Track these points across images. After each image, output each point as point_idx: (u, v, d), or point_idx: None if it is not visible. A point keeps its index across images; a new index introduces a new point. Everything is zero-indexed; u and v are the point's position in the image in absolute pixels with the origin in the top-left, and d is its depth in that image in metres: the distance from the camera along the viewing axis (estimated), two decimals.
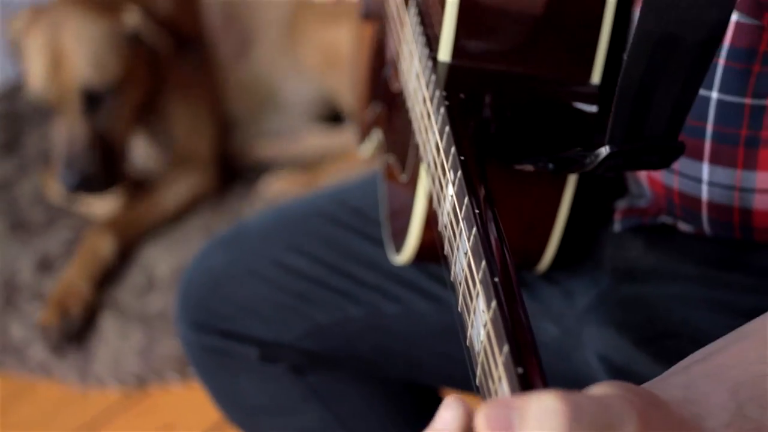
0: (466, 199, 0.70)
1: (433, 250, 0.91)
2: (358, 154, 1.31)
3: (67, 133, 2.09)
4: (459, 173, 0.73)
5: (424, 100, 0.85)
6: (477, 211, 0.69)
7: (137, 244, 2.21)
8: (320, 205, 1.19)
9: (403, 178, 0.99)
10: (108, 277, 2.12)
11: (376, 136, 1.20)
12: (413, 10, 0.94)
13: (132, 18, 2.11)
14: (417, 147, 0.90)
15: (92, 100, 2.09)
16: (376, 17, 1.16)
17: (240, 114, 2.44)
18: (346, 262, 1.13)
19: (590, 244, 1.02)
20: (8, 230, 2.26)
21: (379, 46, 1.18)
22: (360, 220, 1.15)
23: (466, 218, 0.70)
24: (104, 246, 2.12)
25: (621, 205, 0.98)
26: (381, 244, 1.10)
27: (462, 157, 0.74)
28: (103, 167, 2.09)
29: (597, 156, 0.78)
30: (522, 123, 0.85)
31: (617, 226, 0.98)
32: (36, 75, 2.10)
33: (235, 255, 1.18)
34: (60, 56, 2.08)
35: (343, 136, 2.36)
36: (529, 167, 0.85)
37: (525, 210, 0.90)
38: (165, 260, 2.14)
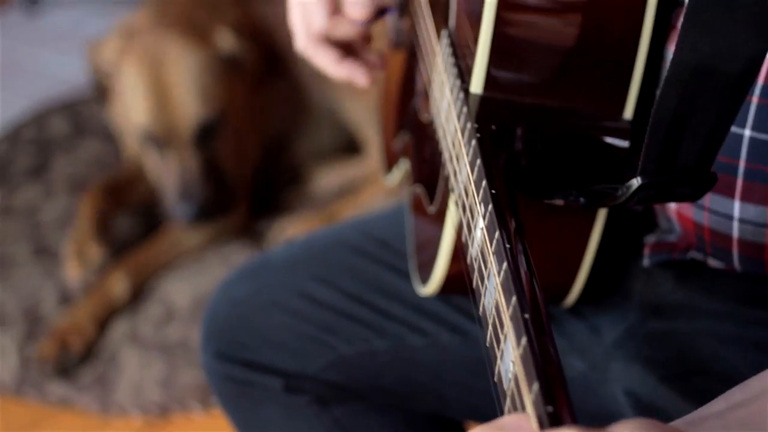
0: (497, 233, 0.70)
1: (459, 283, 0.90)
2: (381, 184, 1.30)
3: (179, 165, 2.09)
4: (490, 207, 0.73)
5: (456, 131, 0.85)
6: (508, 245, 0.69)
7: (155, 276, 2.21)
8: (345, 236, 1.19)
9: (431, 209, 0.98)
10: (127, 308, 2.12)
11: (404, 166, 1.20)
12: (445, 41, 0.94)
13: (225, 40, 2.11)
14: (446, 178, 0.89)
15: (203, 132, 2.10)
16: (406, 47, 1.16)
17: (284, 132, 2.42)
18: (371, 293, 1.12)
19: (618, 278, 1.01)
20: (32, 255, 2.27)
21: (408, 76, 1.17)
22: (385, 251, 1.15)
23: (497, 252, 0.69)
24: (118, 288, 2.11)
25: (650, 240, 0.97)
26: (406, 276, 1.10)
27: (493, 191, 0.74)
28: (216, 195, 2.09)
29: (629, 188, 0.77)
30: (553, 157, 0.85)
31: (646, 261, 0.97)
32: (141, 110, 2.08)
33: (259, 285, 1.18)
34: (167, 92, 2.07)
35: (362, 168, 2.35)
36: (559, 202, 0.84)
37: (554, 243, 0.90)
38: (184, 290, 2.14)
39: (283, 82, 2.32)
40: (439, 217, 0.93)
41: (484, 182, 0.75)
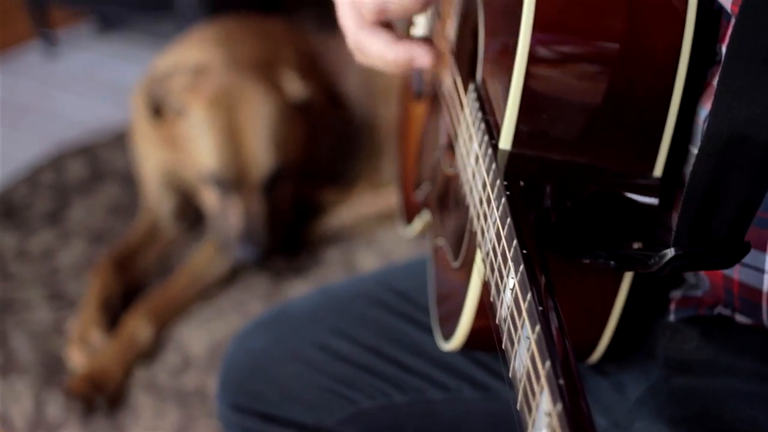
0: (528, 295, 0.69)
1: (483, 339, 0.89)
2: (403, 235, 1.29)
3: (244, 209, 2.10)
4: (521, 267, 0.71)
5: (484, 187, 0.84)
6: (540, 307, 0.68)
7: (172, 321, 2.19)
8: (365, 287, 1.18)
9: (455, 264, 0.97)
10: (143, 355, 2.11)
11: (424, 218, 1.19)
12: (472, 95, 0.93)
13: (294, 85, 2.11)
14: (473, 234, 0.88)
15: (272, 179, 2.11)
16: (429, 97, 1.15)
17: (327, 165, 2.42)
18: (391, 346, 1.11)
19: (643, 334, 0.99)
20: (46, 300, 2.26)
21: (430, 126, 1.17)
22: (406, 304, 1.13)
23: (529, 313, 0.68)
24: (143, 333, 2.10)
25: (676, 294, 0.96)
26: (428, 329, 1.09)
27: (524, 251, 0.73)
28: (276, 237, 2.12)
29: (662, 257, 0.76)
30: (582, 214, 0.83)
31: (672, 317, 0.96)
32: (211, 152, 2.08)
33: (278, 336, 1.17)
34: (241, 138, 2.07)
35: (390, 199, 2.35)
36: (588, 262, 0.83)
37: (580, 301, 0.88)
38: (199, 338, 2.12)
39: (330, 119, 2.33)
40: (464, 273, 0.92)
41: (514, 241, 0.74)
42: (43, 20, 3.68)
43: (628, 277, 0.88)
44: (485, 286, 0.87)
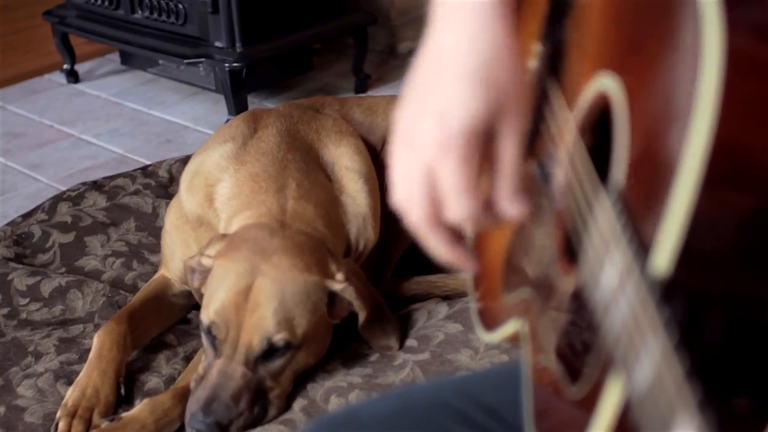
0: None
1: None
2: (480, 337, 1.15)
3: (219, 375, 1.83)
4: (703, 415, 0.60)
5: (633, 315, 0.71)
6: None
7: None
8: (446, 398, 1.03)
9: (573, 388, 0.84)
10: None
11: (513, 327, 1.05)
12: (611, 201, 0.80)
13: (336, 285, 1.89)
14: (607, 359, 0.76)
15: (264, 355, 1.85)
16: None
17: None
18: None
19: None
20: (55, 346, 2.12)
21: (528, 228, 1.03)
22: (493, 421, 1.00)
23: None
24: (173, 411, 1.88)
25: None
26: None
27: (702, 396, 0.62)
28: (241, 415, 1.82)
29: None
30: (744, 348, 0.71)
31: None
32: (218, 302, 1.85)
33: None
34: (250, 300, 1.83)
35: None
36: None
37: None
38: None
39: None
40: (588, 402, 0.79)
41: (691, 384, 0.62)
42: (69, 52, 3.75)
43: None
44: (624, 421, 0.74)
